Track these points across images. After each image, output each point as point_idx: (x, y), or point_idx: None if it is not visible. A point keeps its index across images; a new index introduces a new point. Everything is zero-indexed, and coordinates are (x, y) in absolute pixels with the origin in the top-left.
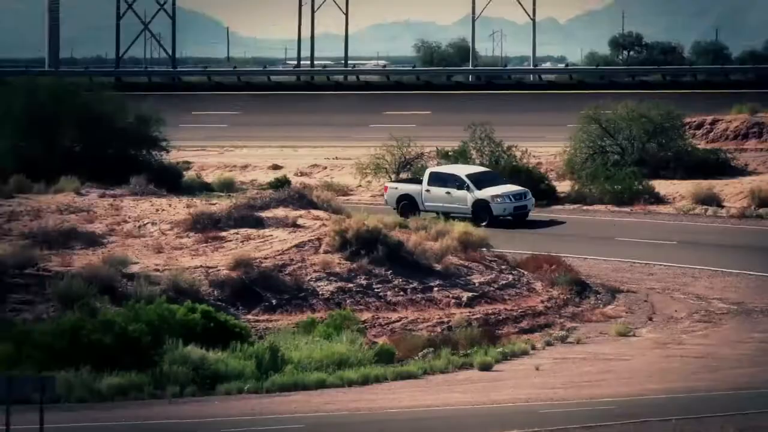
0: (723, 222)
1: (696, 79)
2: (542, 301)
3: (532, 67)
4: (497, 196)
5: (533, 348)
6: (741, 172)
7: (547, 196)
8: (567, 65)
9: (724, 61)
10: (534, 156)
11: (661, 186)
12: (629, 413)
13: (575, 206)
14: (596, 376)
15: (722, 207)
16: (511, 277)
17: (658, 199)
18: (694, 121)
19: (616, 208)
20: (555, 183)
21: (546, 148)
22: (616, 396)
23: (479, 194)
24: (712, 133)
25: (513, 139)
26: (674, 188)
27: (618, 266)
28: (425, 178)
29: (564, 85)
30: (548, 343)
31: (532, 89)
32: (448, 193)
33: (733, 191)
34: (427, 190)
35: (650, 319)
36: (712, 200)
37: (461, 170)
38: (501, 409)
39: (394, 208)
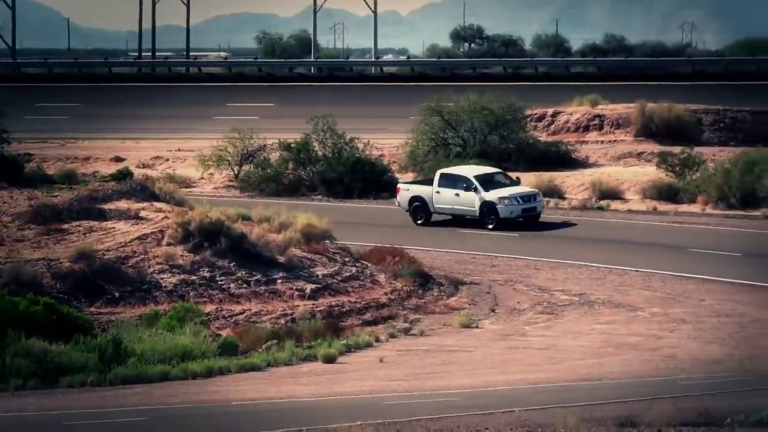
0: (564, 214)
1: (537, 72)
2: (386, 293)
3: (373, 59)
4: (504, 197)
5: (377, 340)
6: (582, 164)
7: (389, 188)
8: (408, 57)
9: (565, 53)
10: (376, 148)
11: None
12: (473, 405)
13: None
14: (440, 368)
15: (564, 199)
16: (354, 269)
17: None
18: (536, 114)
19: None
20: (397, 175)
21: (388, 140)
22: (460, 387)
23: (486, 196)
24: (554, 126)
25: (355, 131)
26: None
27: (461, 258)
28: (435, 179)
29: (406, 77)
30: (392, 335)
31: (374, 81)
32: (457, 194)
33: (574, 183)
34: (437, 192)
35: (493, 310)
36: (553, 192)
37: (470, 171)
38: (345, 401)
39: (407, 210)
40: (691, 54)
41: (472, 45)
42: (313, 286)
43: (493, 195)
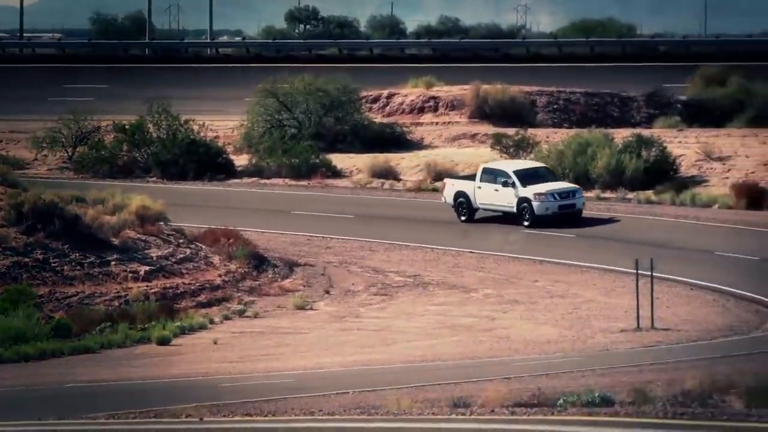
0: (399, 195)
1: (372, 54)
2: (220, 275)
3: (209, 40)
4: (540, 194)
5: (211, 322)
6: (417, 145)
7: (224, 170)
8: (244, 38)
9: (400, 35)
10: (212, 130)
11: (339, 160)
12: (307, 386)
13: (253, 180)
14: (274, 350)
15: (399, 180)
16: (188, 251)
17: (336, 173)
18: (371, 95)
19: (294, 182)
20: (233, 157)
21: (224, 122)
22: (294, 369)
23: (523, 192)
24: (389, 107)
25: (191, 113)
26: (351, 162)
27: (296, 240)
28: (478, 173)
29: (241, 58)
30: (226, 317)
31: (209, 63)
32: (496, 190)
33: (409, 165)
34: (479, 187)
35: (327, 292)
36: (388, 174)
37: (510, 165)
38: (180, 383)
39: (452, 206)
40: (526, 36)
41: (308, 26)
42: (147, 268)
43: (529, 191)
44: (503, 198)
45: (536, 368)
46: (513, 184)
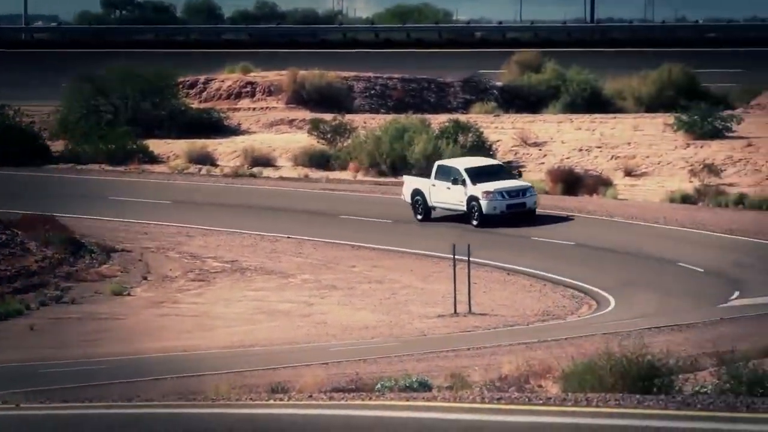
0: (217, 181)
1: (189, 39)
2: (36, 261)
3: (23, 25)
4: (488, 192)
5: (28, 308)
6: (234, 131)
7: (40, 155)
8: (60, 24)
9: (217, 20)
10: (27, 115)
11: (156, 145)
12: (125, 372)
13: (70, 165)
14: (92, 336)
15: (216, 166)
16: (4, 237)
17: (153, 159)
18: (188, 81)
19: (111, 168)
20: (48, 142)
21: (39, 108)
22: (112, 355)
23: (472, 190)
24: (206, 93)
25: (5, 98)
26: (169, 147)
27: (113, 225)
28: (433, 170)
29: (57, 44)
30: (43, 303)
31: (24, 48)
32: (448, 188)
33: (227, 150)
34: (433, 185)
35: (145, 278)
36: (206, 159)
37: (462, 162)
38: None
39: (410, 204)
40: (342, 21)
41: (124, 12)
42: None
43: (478, 189)
44: (454, 197)
45: (354, 353)
46: (463, 182)
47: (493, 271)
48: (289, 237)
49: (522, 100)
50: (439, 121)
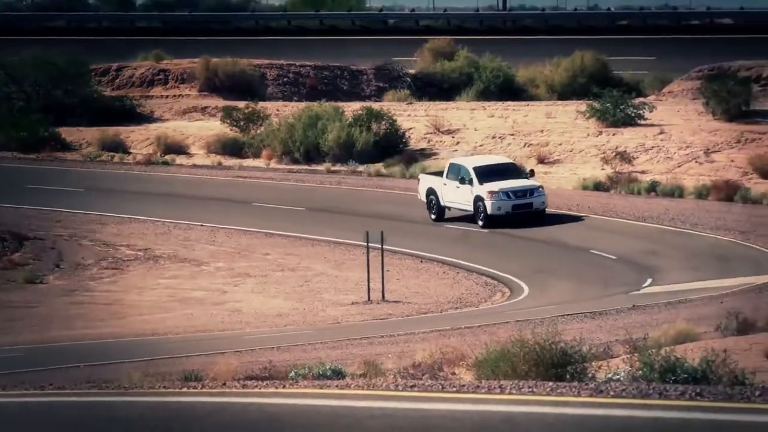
0: (129, 169)
1: (101, 26)
2: None
3: None
4: (493, 192)
5: None
6: (147, 118)
7: None
8: None
9: (129, 7)
10: None
11: (68, 133)
12: (37, 360)
13: None
14: (4, 324)
15: (129, 154)
16: None
17: (65, 146)
18: (101, 68)
19: (23, 155)
20: None
21: None
22: (24, 343)
23: (478, 190)
24: (119, 80)
25: None
26: (81, 135)
27: (25, 213)
28: (445, 168)
29: None
30: None
31: None
32: (457, 187)
33: (139, 138)
34: (444, 184)
35: (58, 266)
36: (119, 147)
37: (472, 161)
38: None
39: (425, 204)
40: (255, 9)
41: None
42: None
43: (483, 189)
44: (463, 196)
45: (268, 341)
46: (470, 181)
47: (406, 259)
48: (202, 225)
49: (435, 88)
50: (352, 108)
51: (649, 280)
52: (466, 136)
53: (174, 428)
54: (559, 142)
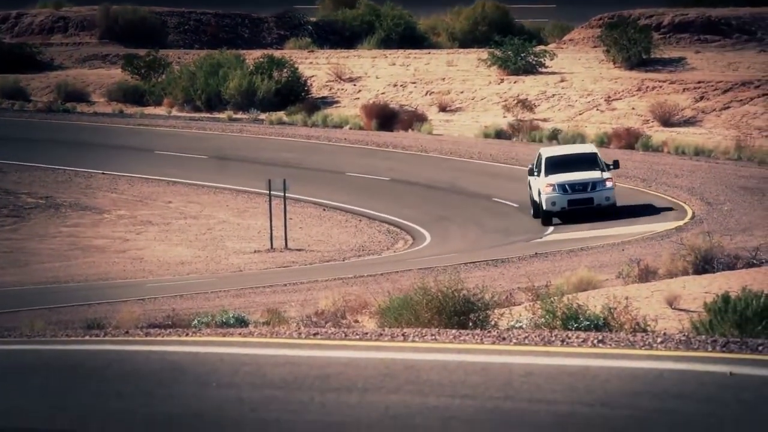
0: (30, 116)
1: None
2: None
3: None
4: (550, 185)
5: None
6: (48, 66)
7: None
8: None
9: None
10: None
11: None
12: None
13: None
14: None
15: (30, 101)
16: None
17: None
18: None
19: None
20: None
21: None
22: None
23: (541, 182)
24: (18, 27)
25: None
26: None
27: None
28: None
29: None
30: None
31: None
32: (535, 180)
33: (40, 85)
34: (531, 176)
35: None
36: (19, 94)
37: (552, 150)
38: None
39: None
40: None
41: None
42: None
43: (544, 181)
44: (534, 189)
45: (170, 289)
46: (538, 173)
47: (308, 207)
48: (103, 173)
49: (337, 36)
50: (253, 56)
51: (551, 228)
52: (368, 84)
53: (77, 376)
54: (460, 90)
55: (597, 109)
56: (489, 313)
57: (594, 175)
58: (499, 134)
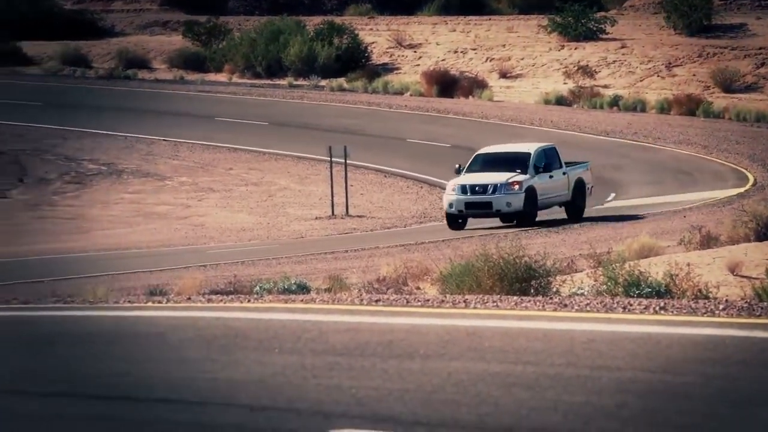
0: (91, 83)
1: None
2: None
3: None
4: (455, 184)
5: None
6: (109, 32)
7: None
8: None
9: None
10: None
11: (29, 47)
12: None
13: None
14: None
15: (91, 68)
16: None
17: (26, 60)
18: None
19: None
20: None
21: None
22: None
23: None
24: None
25: None
26: (42, 49)
27: None
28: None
29: None
30: None
31: None
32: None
33: (101, 52)
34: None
35: (21, 180)
36: (80, 61)
37: (489, 148)
38: None
39: None
40: None
41: None
42: None
43: (453, 181)
44: None
45: (232, 256)
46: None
47: (369, 173)
48: (165, 139)
49: (397, 2)
50: (314, 23)
51: (612, 195)
52: (429, 51)
53: (139, 342)
54: (521, 56)
55: (658, 76)
56: (550, 280)
57: (502, 177)
58: (560, 101)
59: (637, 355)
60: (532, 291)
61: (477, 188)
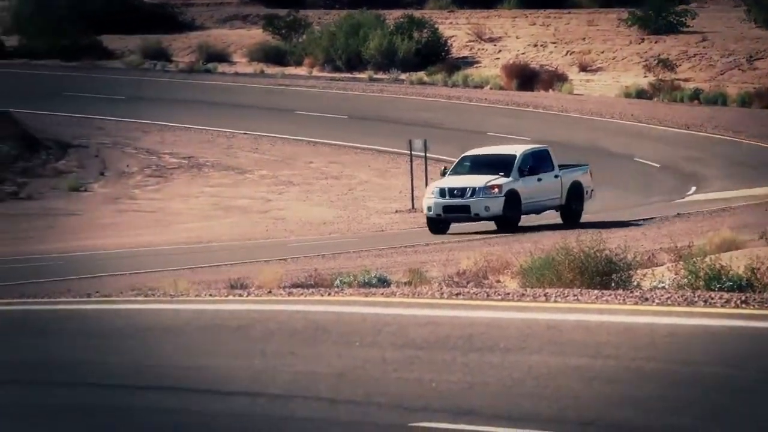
0: (172, 77)
1: None
2: None
3: None
4: (435, 187)
5: None
6: (189, 26)
7: None
8: None
9: None
10: None
11: (110, 41)
12: (81, 268)
13: (23, 61)
14: (47, 232)
15: (171, 61)
16: None
17: (107, 54)
18: None
19: (65, 63)
20: (3, 37)
21: None
22: (69, 251)
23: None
24: None
25: None
26: (122, 43)
27: (67, 120)
28: None
29: None
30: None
31: None
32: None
33: (181, 46)
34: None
35: (102, 174)
36: (161, 55)
37: (477, 150)
38: None
39: None
40: None
41: None
42: None
43: (435, 183)
44: None
45: (312, 249)
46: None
47: (447, 166)
48: (245, 133)
49: None
50: (393, 16)
51: (693, 188)
52: (508, 44)
53: (221, 335)
54: (601, 50)
55: (739, 69)
56: (631, 274)
57: (482, 180)
58: (640, 94)
59: (718, 349)
60: (612, 284)
61: (455, 191)
